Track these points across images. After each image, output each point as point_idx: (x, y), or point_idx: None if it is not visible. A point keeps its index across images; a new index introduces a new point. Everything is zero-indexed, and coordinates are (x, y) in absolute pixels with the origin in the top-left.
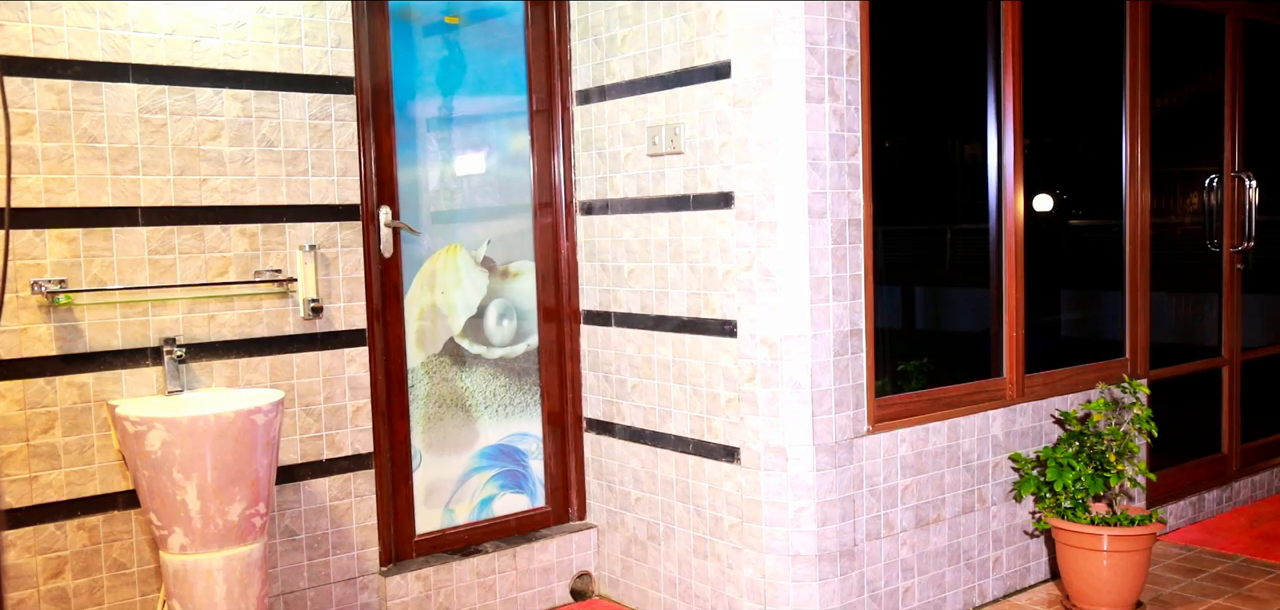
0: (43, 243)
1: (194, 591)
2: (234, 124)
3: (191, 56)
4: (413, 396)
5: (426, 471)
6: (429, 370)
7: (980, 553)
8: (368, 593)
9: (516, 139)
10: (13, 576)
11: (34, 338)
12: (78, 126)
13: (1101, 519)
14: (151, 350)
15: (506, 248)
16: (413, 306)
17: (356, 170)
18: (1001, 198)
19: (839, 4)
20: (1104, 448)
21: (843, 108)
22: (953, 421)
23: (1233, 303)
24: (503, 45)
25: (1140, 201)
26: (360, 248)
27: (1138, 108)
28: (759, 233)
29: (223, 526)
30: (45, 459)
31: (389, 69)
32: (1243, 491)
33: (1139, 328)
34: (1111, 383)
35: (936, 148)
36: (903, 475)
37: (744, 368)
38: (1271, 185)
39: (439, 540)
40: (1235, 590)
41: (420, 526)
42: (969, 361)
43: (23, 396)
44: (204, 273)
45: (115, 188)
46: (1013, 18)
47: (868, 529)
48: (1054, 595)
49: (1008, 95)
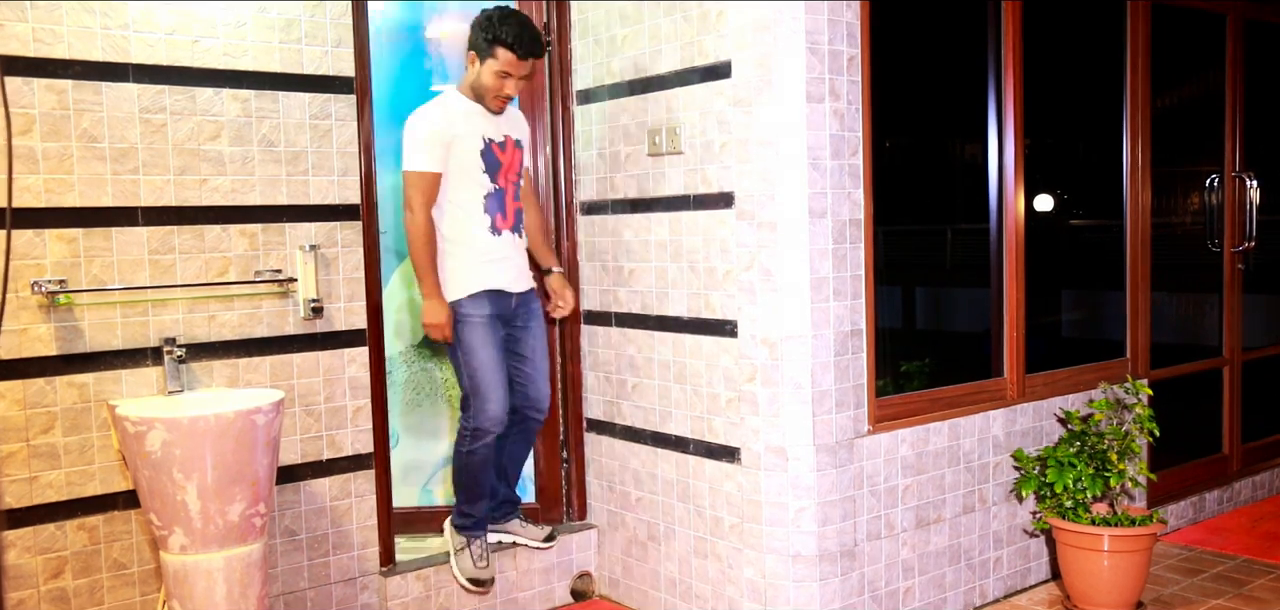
0: (43, 243)
1: (194, 592)
2: (234, 124)
3: (191, 56)
4: (390, 383)
5: (402, 452)
6: (407, 360)
7: (981, 553)
8: (368, 593)
9: None
10: (13, 576)
11: (34, 338)
12: (78, 126)
13: (1102, 519)
14: (152, 350)
15: None
16: (391, 301)
17: (357, 170)
18: (1002, 197)
19: (839, 4)
20: (1105, 447)
21: (843, 108)
22: (953, 421)
23: (1233, 303)
24: None
25: (1141, 201)
26: (360, 247)
27: (1138, 107)
28: (759, 233)
29: (223, 527)
30: (45, 459)
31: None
32: (1243, 492)
33: (1140, 328)
34: (1113, 383)
35: (937, 148)
36: (903, 475)
37: (744, 368)
38: (1272, 185)
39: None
40: (1236, 590)
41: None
42: (969, 361)
43: (23, 396)
44: (204, 273)
45: (115, 188)
46: (1013, 18)
47: (868, 529)
48: (1055, 595)
49: (1008, 95)
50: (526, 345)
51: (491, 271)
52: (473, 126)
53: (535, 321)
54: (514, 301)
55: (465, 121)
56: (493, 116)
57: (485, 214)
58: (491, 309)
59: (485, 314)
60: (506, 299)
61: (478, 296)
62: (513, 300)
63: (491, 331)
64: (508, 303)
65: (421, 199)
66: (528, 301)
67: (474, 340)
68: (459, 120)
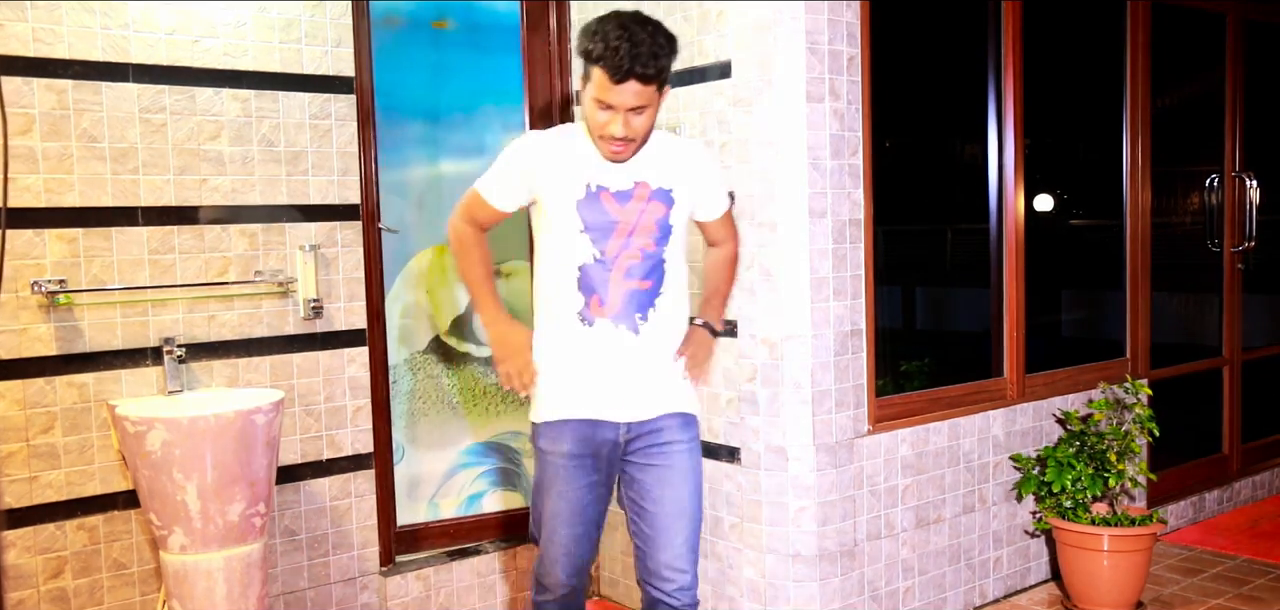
0: (43, 242)
1: (194, 591)
2: (234, 124)
3: (191, 56)
4: (395, 392)
5: (408, 465)
6: (413, 368)
7: (981, 553)
8: (368, 593)
9: (511, 139)
10: (13, 576)
11: (34, 338)
12: (78, 126)
13: (1102, 519)
14: (151, 350)
15: (500, 247)
16: (395, 305)
17: (357, 170)
18: (1002, 197)
19: (839, 4)
20: (1105, 447)
21: (843, 108)
22: (953, 421)
23: (1233, 303)
24: (498, 46)
25: (1141, 201)
26: (360, 247)
27: (1138, 107)
28: (759, 232)
29: (223, 526)
30: (45, 459)
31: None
32: (1243, 492)
33: (1139, 328)
34: (1113, 382)
35: (937, 147)
36: (903, 475)
37: (744, 367)
38: (1272, 185)
39: (422, 532)
40: (1236, 590)
41: (402, 520)
42: (969, 361)
43: (23, 396)
44: (204, 272)
45: (115, 188)
46: (1013, 17)
47: (868, 529)
48: (1054, 595)
49: (1008, 95)
50: (652, 492)
51: (577, 388)
52: (575, 167)
53: (676, 457)
54: (622, 434)
55: (565, 157)
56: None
57: (578, 291)
58: (574, 446)
59: (564, 452)
60: (605, 432)
61: (555, 427)
62: (619, 433)
63: (574, 475)
64: (608, 437)
65: (463, 209)
66: (659, 431)
67: (542, 478)
68: (556, 154)
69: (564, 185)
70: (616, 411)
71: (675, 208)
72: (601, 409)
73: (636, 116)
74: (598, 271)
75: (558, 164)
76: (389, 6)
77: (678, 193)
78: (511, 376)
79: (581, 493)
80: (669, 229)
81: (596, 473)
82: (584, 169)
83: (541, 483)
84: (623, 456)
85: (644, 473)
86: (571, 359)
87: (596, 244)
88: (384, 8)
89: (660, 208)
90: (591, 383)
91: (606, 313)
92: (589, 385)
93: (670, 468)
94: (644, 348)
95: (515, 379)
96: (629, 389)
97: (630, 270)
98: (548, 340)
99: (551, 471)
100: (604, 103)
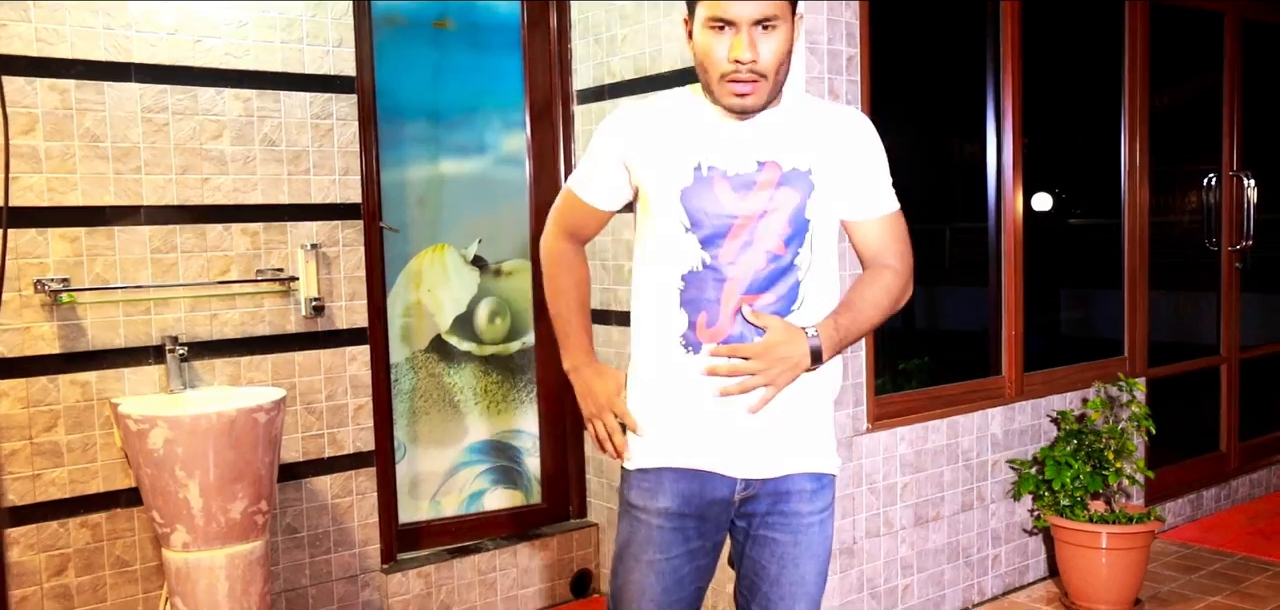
0: (46, 242)
1: (196, 589)
2: (236, 123)
3: (193, 56)
4: (396, 391)
5: (409, 463)
6: (414, 366)
7: (979, 550)
8: (369, 590)
9: (511, 139)
10: (16, 574)
11: (37, 336)
12: (80, 126)
13: (1100, 517)
14: (154, 349)
15: (500, 247)
16: (396, 303)
17: (358, 169)
18: (1000, 197)
19: (839, 4)
20: (1102, 446)
21: None
22: (952, 420)
23: (1231, 301)
24: (497, 46)
25: (1139, 200)
26: (362, 246)
27: (1136, 107)
28: None
29: (225, 524)
30: (48, 457)
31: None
32: (1241, 489)
33: (1137, 326)
34: (1108, 382)
35: (936, 147)
36: (902, 473)
37: None
38: (1270, 184)
39: (424, 530)
40: (1233, 587)
41: (403, 518)
42: (968, 360)
43: (26, 395)
44: (206, 272)
45: (118, 187)
46: (1012, 17)
47: (867, 526)
48: (1053, 593)
49: (1007, 94)
50: (768, 571)
51: (681, 430)
52: (683, 141)
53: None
54: (737, 492)
55: (669, 128)
56: (736, 123)
57: (679, 308)
58: (675, 504)
59: (660, 510)
60: (715, 489)
61: (650, 476)
62: (734, 490)
63: (671, 541)
64: (719, 495)
65: (557, 217)
66: (785, 497)
67: (629, 540)
68: (658, 125)
69: (666, 167)
70: (730, 464)
71: (815, 195)
72: (712, 459)
73: (767, 37)
74: (707, 282)
75: (660, 137)
76: (390, 6)
77: (819, 175)
78: (601, 438)
79: (679, 564)
80: (804, 226)
81: (700, 538)
82: (694, 144)
83: (627, 545)
84: (734, 516)
85: (760, 548)
86: (673, 393)
87: (706, 247)
88: (385, 8)
89: (794, 196)
90: (699, 425)
91: (717, 336)
92: (695, 428)
93: (795, 545)
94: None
95: (605, 441)
96: (748, 436)
97: (753, 281)
98: (644, 369)
99: (642, 534)
100: (719, 20)
